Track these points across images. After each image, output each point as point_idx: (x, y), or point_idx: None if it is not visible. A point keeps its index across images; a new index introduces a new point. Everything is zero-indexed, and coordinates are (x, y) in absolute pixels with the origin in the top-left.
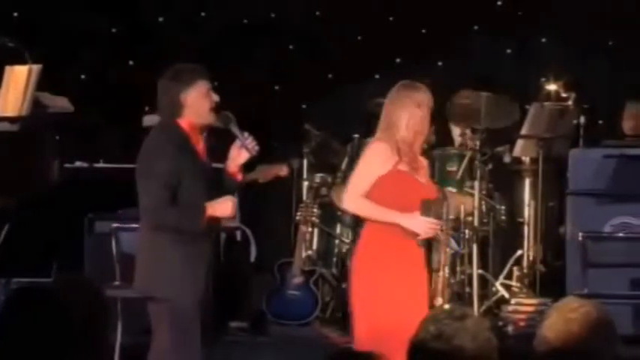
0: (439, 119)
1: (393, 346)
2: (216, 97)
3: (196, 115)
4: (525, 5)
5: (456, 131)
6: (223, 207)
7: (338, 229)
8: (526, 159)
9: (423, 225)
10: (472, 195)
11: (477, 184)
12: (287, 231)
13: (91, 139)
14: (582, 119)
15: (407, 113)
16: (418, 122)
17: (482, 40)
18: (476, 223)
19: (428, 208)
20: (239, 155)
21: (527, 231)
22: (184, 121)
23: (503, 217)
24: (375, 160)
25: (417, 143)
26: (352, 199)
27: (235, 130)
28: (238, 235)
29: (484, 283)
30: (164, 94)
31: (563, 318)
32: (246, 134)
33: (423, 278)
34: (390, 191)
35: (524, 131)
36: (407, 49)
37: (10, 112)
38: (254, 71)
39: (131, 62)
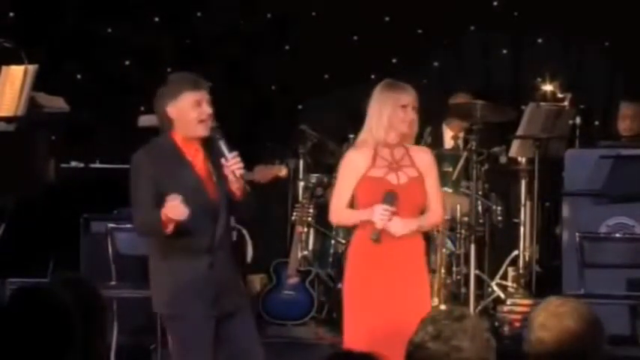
0: (435, 120)
1: (389, 347)
2: (207, 109)
3: (185, 127)
4: (521, 6)
5: (448, 133)
6: (173, 209)
7: (334, 230)
8: (522, 159)
9: (376, 212)
10: (468, 195)
11: (472, 184)
12: (283, 231)
13: (87, 139)
14: (578, 119)
15: (386, 113)
16: (399, 122)
17: (478, 40)
18: (472, 223)
19: (385, 197)
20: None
21: (523, 231)
22: (177, 134)
23: (499, 218)
24: (345, 173)
25: (403, 142)
26: (332, 212)
27: (223, 147)
28: (234, 235)
29: (480, 283)
30: (156, 110)
31: (555, 314)
32: (232, 154)
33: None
34: (363, 199)
35: (520, 131)
36: (403, 50)
37: (6, 112)
38: (250, 72)
39: (127, 62)
